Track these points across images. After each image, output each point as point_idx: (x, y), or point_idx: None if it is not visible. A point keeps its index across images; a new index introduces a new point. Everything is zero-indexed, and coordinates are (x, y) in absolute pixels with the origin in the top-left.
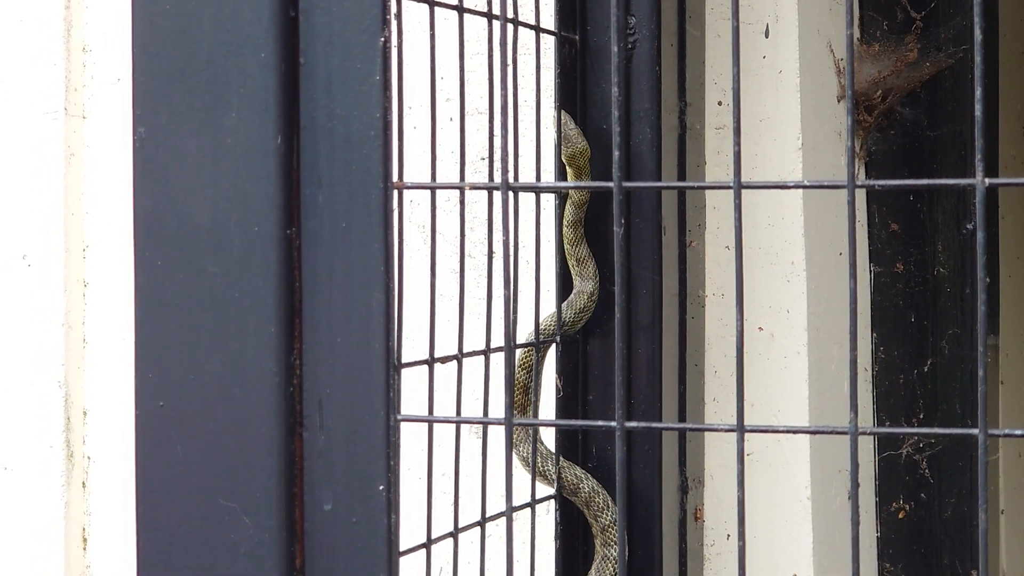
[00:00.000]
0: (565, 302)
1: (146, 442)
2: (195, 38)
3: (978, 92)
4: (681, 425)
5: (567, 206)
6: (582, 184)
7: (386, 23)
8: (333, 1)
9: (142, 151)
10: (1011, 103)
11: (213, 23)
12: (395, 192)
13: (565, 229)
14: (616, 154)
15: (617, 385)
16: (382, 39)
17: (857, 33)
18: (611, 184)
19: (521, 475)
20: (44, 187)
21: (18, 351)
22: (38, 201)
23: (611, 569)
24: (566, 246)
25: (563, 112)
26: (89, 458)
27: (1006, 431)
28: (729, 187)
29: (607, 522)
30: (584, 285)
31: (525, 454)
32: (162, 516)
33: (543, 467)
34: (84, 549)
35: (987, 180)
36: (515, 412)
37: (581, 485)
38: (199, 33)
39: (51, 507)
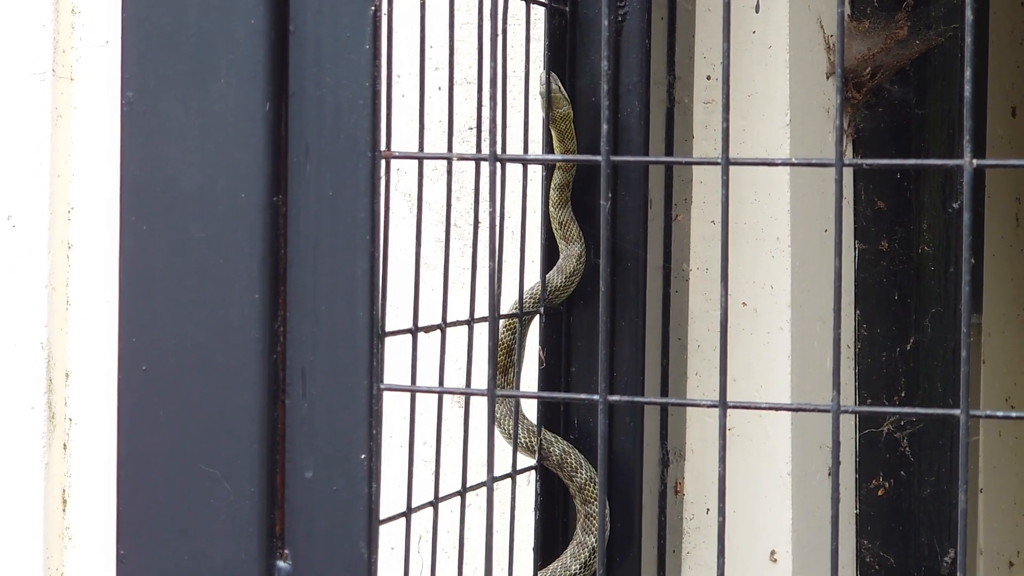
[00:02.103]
0: (555, 268)
1: (128, 406)
2: (185, 3)
3: (967, 73)
4: (663, 400)
5: (555, 170)
6: (569, 157)
7: None
8: None
9: (129, 115)
10: (1000, 82)
11: None
12: (382, 161)
13: (552, 192)
14: (604, 128)
15: (600, 359)
16: (372, 8)
17: (847, 10)
18: (599, 158)
19: (502, 445)
20: (30, 148)
21: (1, 312)
22: (24, 162)
23: (595, 529)
24: (551, 209)
25: (551, 74)
26: (71, 420)
27: (987, 412)
28: (717, 163)
29: (583, 481)
30: (571, 249)
31: (506, 424)
32: (143, 480)
33: (523, 438)
34: (64, 510)
35: (975, 161)
36: (498, 374)
37: (552, 448)
38: None
39: (31, 468)
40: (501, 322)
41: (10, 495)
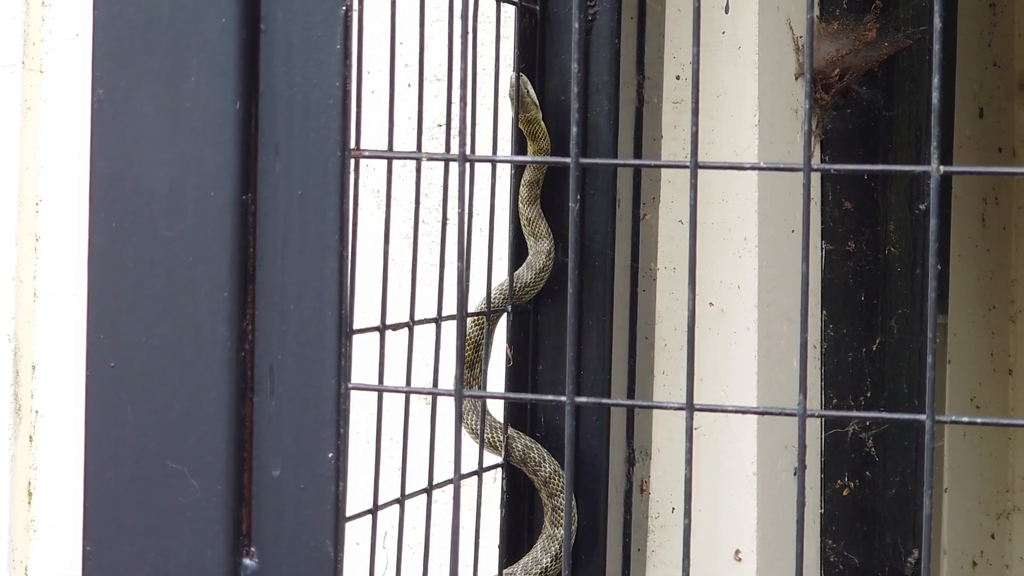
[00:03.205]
0: (524, 264)
1: (96, 402)
2: (156, 1)
3: (935, 80)
4: (630, 402)
5: (525, 167)
6: (538, 159)
7: None
8: None
9: (100, 112)
10: (967, 83)
11: None
12: (352, 160)
13: (521, 188)
14: (573, 130)
15: (568, 360)
16: (343, 8)
17: (816, 11)
18: (568, 160)
19: (469, 443)
20: None
21: None
22: None
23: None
24: (520, 205)
25: (521, 76)
26: (37, 412)
27: (952, 418)
28: (685, 166)
29: (547, 474)
30: (540, 245)
31: (471, 421)
32: (110, 477)
33: (489, 436)
34: (29, 503)
35: (942, 168)
36: (464, 370)
37: (514, 444)
38: None
39: None
40: (469, 319)
41: None
